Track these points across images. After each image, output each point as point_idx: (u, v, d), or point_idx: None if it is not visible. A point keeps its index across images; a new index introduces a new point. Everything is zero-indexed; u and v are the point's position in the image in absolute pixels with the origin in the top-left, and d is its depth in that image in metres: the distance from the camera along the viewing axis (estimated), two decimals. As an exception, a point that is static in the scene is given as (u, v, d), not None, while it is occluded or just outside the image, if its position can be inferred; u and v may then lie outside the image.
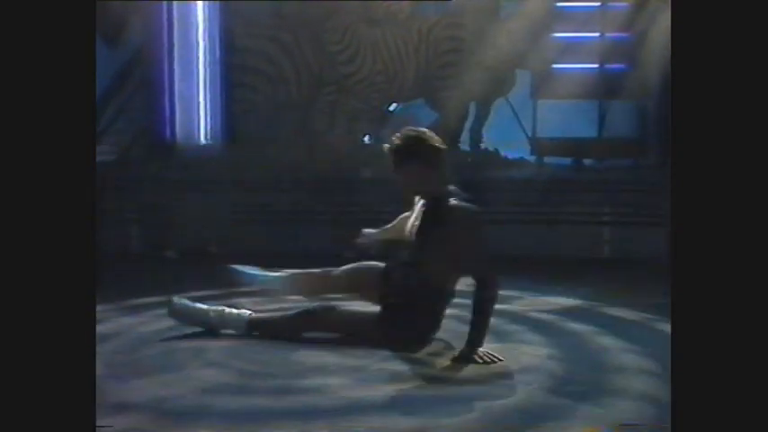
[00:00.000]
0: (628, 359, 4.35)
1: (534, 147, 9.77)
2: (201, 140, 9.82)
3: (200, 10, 9.79)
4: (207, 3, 9.81)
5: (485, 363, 4.21)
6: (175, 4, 9.68)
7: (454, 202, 4.47)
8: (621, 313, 5.53)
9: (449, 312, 4.70)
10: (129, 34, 9.85)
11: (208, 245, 8.77)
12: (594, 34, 9.70)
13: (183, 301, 4.88)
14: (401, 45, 9.93)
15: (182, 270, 7.60)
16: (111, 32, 9.80)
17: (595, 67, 9.62)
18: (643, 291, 6.17)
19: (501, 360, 4.23)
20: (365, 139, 10.24)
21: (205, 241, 8.80)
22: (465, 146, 9.98)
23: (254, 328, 4.77)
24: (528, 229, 8.76)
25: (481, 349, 4.28)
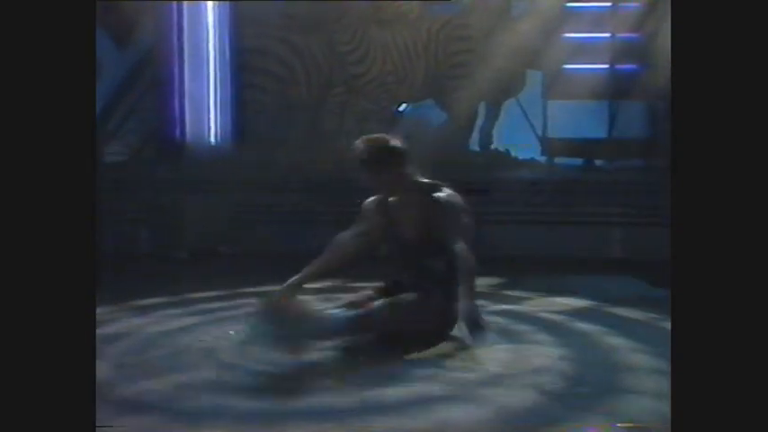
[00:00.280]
0: (638, 359, 4.33)
1: (545, 147, 9.75)
2: (211, 141, 9.83)
3: (210, 11, 9.80)
4: (217, 4, 9.82)
5: (478, 329, 4.33)
6: (186, 5, 9.69)
7: (436, 187, 4.70)
8: (630, 314, 5.51)
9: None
10: (139, 35, 9.89)
11: (217, 245, 8.77)
12: (605, 34, 9.67)
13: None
14: (411, 45, 9.92)
15: (192, 270, 7.62)
16: (122, 33, 9.83)
17: (606, 67, 9.60)
18: (649, 291, 6.16)
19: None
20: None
21: (215, 241, 8.81)
22: (475, 146, 9.97)
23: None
24: (537, 229, 8.74)
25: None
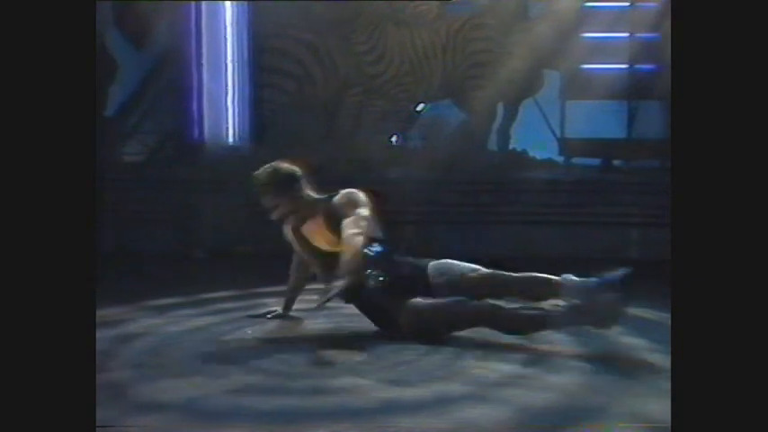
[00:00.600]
0: (655, 359, 4.32)
1: (563, 147, 9.73)
2: (229, 141, 9.85)
3: (228, 11, 9.83)
4: (235, 4, 9.84)
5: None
6: (204, 5, 9.72)
7: (332, 196, 4.90)
8: (646, 314, 5.49)
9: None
10: (157, 36, 9.92)
11: (235, 245, 8.78)
12: (624, 34, 9.65)
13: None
14: (429, 45, 9.92)
15: (210, 269, 7.64)
16: (141, 34, 9.87)
17: (624, 67, 9.58)
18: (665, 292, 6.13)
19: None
20: (392, 139, 10.23)
21: (233, 241, 8.82)
22: (493, 146, 9.97)
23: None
24: (555, 229, 8.73)
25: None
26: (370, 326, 4.91)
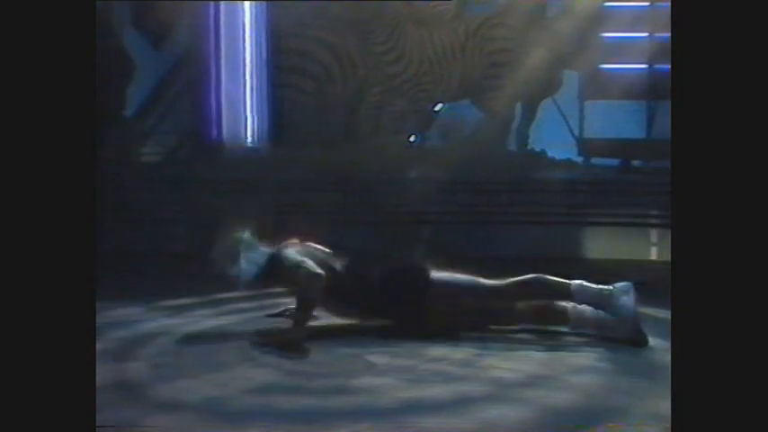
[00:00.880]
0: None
1: (582, 148, 9.69)
2: (248, 141, 9.85)
3: (247, 10, 9.83)
4: (254, 3, 9.85)
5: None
6: (222, 4, 9.74)
7: None
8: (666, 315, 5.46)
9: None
10: (176, 35, 9.94)
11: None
12: (643, 34, 9.59)
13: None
14: (447, 45, 9.90)
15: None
16: (159, 33, 9.89)
17: (644, 67, 9.52)
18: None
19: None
20: (411, 139, 10.22)
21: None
22: (512, 146, 9.94)
23: None
24: (573, 230, 8.69)
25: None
26: (387, 324, 4.91)
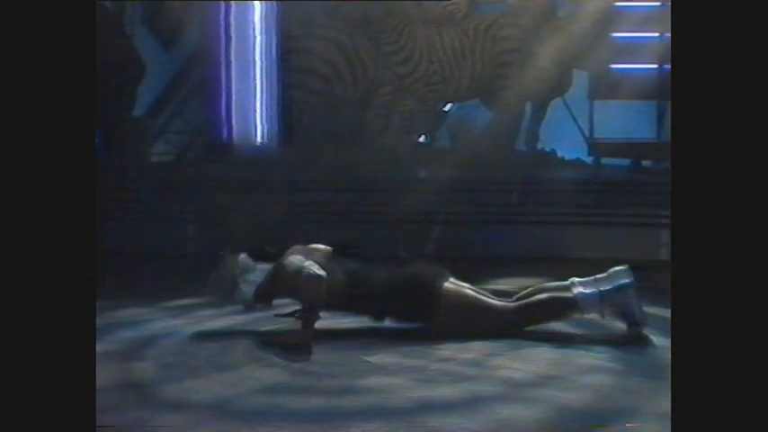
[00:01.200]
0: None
1: (591, 148, 9.69)
2: (258, 141, 9.87)
3: (257, 11, 9.85)
4: (264, 3, 9.86)
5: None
6: (233, 4, 9.76)
7: None
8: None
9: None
10: (186, 36, 9.97)
11: (264, 245, 8.78)
12: (653, 34, 9.58)
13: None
14: (457, 45, 9.90)
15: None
16: (169, 34, 9.92)
17: (654, 67, 9.50)
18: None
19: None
20: (420, 139, 10.22)
21: (261, 241, 8.82)
22: (521, 146, 9.93)
23: None
24: (583, 230, 8.67)
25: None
26: (396, 324, 4.92)
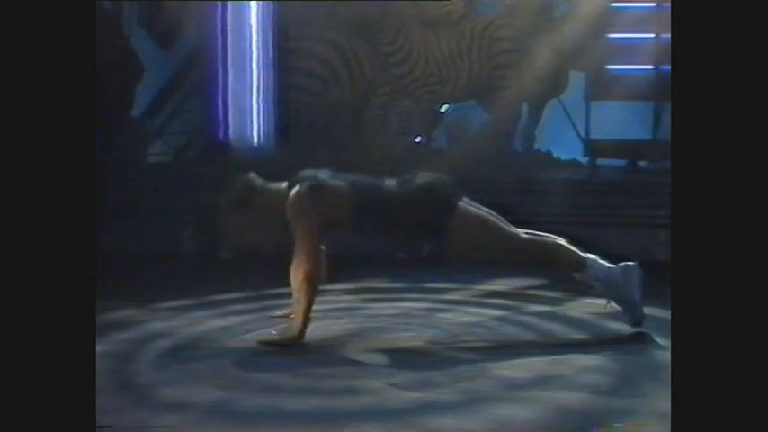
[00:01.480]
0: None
1: (588, 148, 9.69)
2: (255, 141, 9.87)
3: (254, 11, 9.85)
4: (261, 4, 9.87)
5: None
6: (230, 5, 9.76)
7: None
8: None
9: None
10: (183, 36, 9.97)
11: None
12: (650, 35, 9.59)
13: None
14: (454, 46, 9.91)
15: (237, 269, 7.62)
16: (166, 34, 9.93)
17: (650, 68, 9.52)
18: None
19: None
20: (417, 140, 10.23)
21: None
22: (517, 147, 9.95)
23: None
24: (579, 230, 8.66)
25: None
26: (394, 325, 4.93)
